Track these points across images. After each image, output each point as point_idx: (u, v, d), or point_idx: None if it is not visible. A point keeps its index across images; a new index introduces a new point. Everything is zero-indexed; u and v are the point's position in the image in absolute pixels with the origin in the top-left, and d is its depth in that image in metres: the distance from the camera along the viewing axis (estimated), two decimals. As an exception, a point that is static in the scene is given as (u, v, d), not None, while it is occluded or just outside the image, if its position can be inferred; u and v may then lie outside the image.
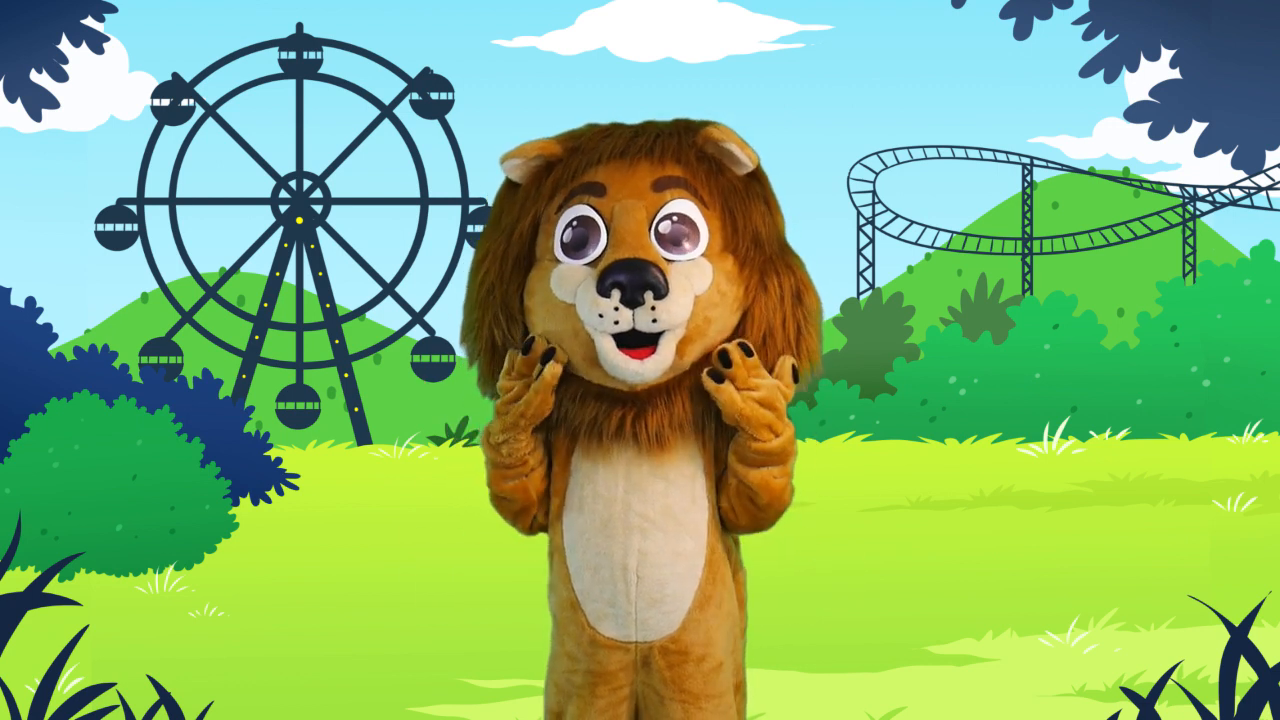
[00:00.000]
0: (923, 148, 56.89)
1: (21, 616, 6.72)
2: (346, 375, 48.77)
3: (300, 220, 48.76)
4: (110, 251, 48.01)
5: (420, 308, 48.40)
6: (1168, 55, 7.65)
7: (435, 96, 48.34)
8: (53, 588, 10.94)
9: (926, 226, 56.79)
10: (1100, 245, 56.58)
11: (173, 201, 48.31)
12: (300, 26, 48.66)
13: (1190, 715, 6.62)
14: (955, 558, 17.82)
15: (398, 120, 48.63)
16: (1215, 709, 6.53)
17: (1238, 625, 6.50)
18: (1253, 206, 55.47)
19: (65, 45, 8.39)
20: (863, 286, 54.08)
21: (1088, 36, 7.69)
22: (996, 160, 56.66)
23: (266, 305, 48.81)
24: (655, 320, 4.49)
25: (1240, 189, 55.12)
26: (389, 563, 17.79)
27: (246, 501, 19.03)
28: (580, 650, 4.65)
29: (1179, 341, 37.86)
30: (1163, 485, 24.90)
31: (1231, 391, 37.07)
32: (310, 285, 49.09)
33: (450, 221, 49.64)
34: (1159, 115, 7.71)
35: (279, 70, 48.65)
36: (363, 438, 47.46)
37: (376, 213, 52.63)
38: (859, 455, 32.28)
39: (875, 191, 56.32)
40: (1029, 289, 53.88)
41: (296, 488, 19.66)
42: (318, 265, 48.88)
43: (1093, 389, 37.63)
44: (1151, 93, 7.73)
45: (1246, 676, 6.53)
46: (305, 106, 48.79)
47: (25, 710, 6.70)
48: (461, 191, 48.31)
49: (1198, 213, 55.69)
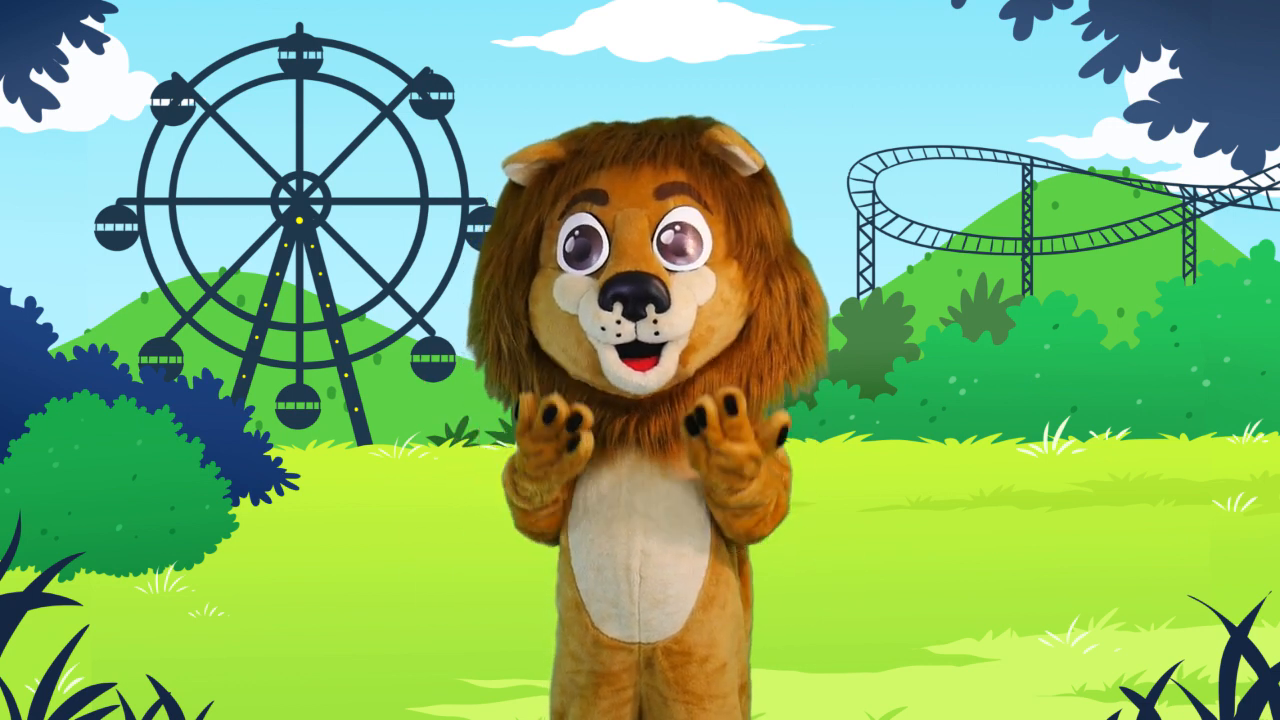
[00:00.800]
0: (923, 148, 56.92)
1: (21, 616, 6.72)
2: (346, 375, 48.78)
3: (300, 220, 48.76)
4: (110, 251, 48.06)
5: (420, 308, 48.42)
6: (1168, 55, 7.65)
7: (435, 96, 48.35)
8: (53, 588, 10.94)
9: (926, 226, 56.81)
10: (1100, 245, 56.60)
11: (173, 201, 48.32)
12: (300, 26, 48.67)
13: (1190, 715, 6.62)
14: (955, 558, 17.82)
15: (398, 120, 48.64)
16: (1215, 709, 6.53)
17: (1238, 625, 6.50)
18: (1253, 206, 55.48)
19: (65, 45, 8.39)
20: (863, 286, 54.12)
21: (1088, 36, 7.69)
22: (996, 160, 56.68)
23: (266, 305, 48.82)
24: (658, 332, 4.46)
25: (1240, 189, 55.14)
26: (389, 563, 17.79)
27: (246, 501, 19.04)
28: (584, 650, 4.65)
29: (1179, 341, 37.86)
30: (1163, 485, 24.90)
31: (1231, 391, 37.07)
32: (310, 285, 49.10)
33: (450, 221, 49.73)
34: (1159, 115, 7.71)
35: (279, 70, 48.68)
36: (363, 438, 47.46)
37: (376, 213, 52.67)
38: (859, 455, 32.28)
39: (875, 191, 56.34)
40: (1029, 289, 53.89)
41: (296, 488, 19.67)
42: (318, 265, 48.89)
43: (1093, 389, 37.63)
44: (1151, 93, 7.73)
45: (1246, 676, 6.53)
46: (305, 106, 48.84)
47: (25, 710, 6.70)
48: (461, 191, 48.33)
49: (1198, 213, 55.70)
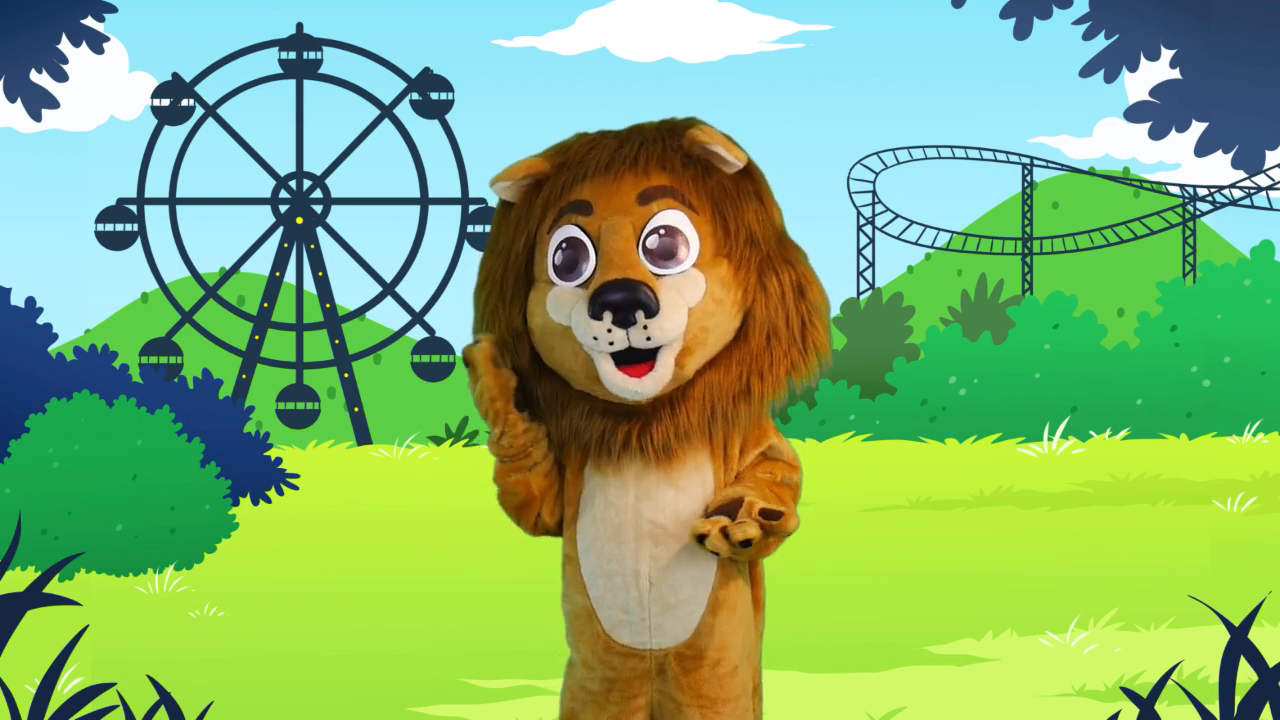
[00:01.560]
0: (923, 148, 56.90)
1: (21, 616, 6.71)
2: (346, 375, 48.77)
3: (300, 220, 48.75)
4: (110, 251, 48.03)
5: (420, 308, 48.41)
6: (1168, 55, 7.65)
7: (435, 96, 48.34)
8: (53, 588, 10.95)
9: (926, 226, 56.80)
10: (1100, 245, 56.59)
11: (173, 201, 48.31)
12: (300, 26, 48.66)
13: (1190, 715, 6.62)
14: (955, 558, 17.81)
15: (398, 120, 48.63)
16: (1215, 709, 6.53)
17: (1238, 625, 6.50)
18: (1253, 206, 55.47)
19: (65, 45, 8.39)
20: (863, 286, 54.10)
21: (1088, 36, 7.70)
22: (996, 160, 56.66)
23: (266, 305, 48.80)
24: (649, 338, 4.47)
25: (1240, 189, 55.12)
26: (389, 563, 17.78)
27: (246, 501, 19.03)
28: (596, 658, 4.65)
29: (1179, 341, 37.85)
30: (1163, 485, 24.89)
31: (1231, 391, 37.06)
32: (310, 285, 49.09)
33: (450, 221, 49.69)
34: (1159, 115, 7.71)
35: (279, 70, 48.66)
36: (363, 438, 47.45)
37: (376, 213, 52.64)
38: (859, 455, 32.26)
39: (875, 191, 56.33)
40: (1029, 289, 53.88)
41: (296, 488, 19.66)
42: (318, 265, 48.88)
43: (1093, 389, 37.62)
44: (1151, 93, 7.73)
45: (1246, 676, 6.53)
46: (305, 106, 48.82)
47: (25, 710, 6.70)
48: (461, 191, 48.32)
49: (1198, 213, 55.69)
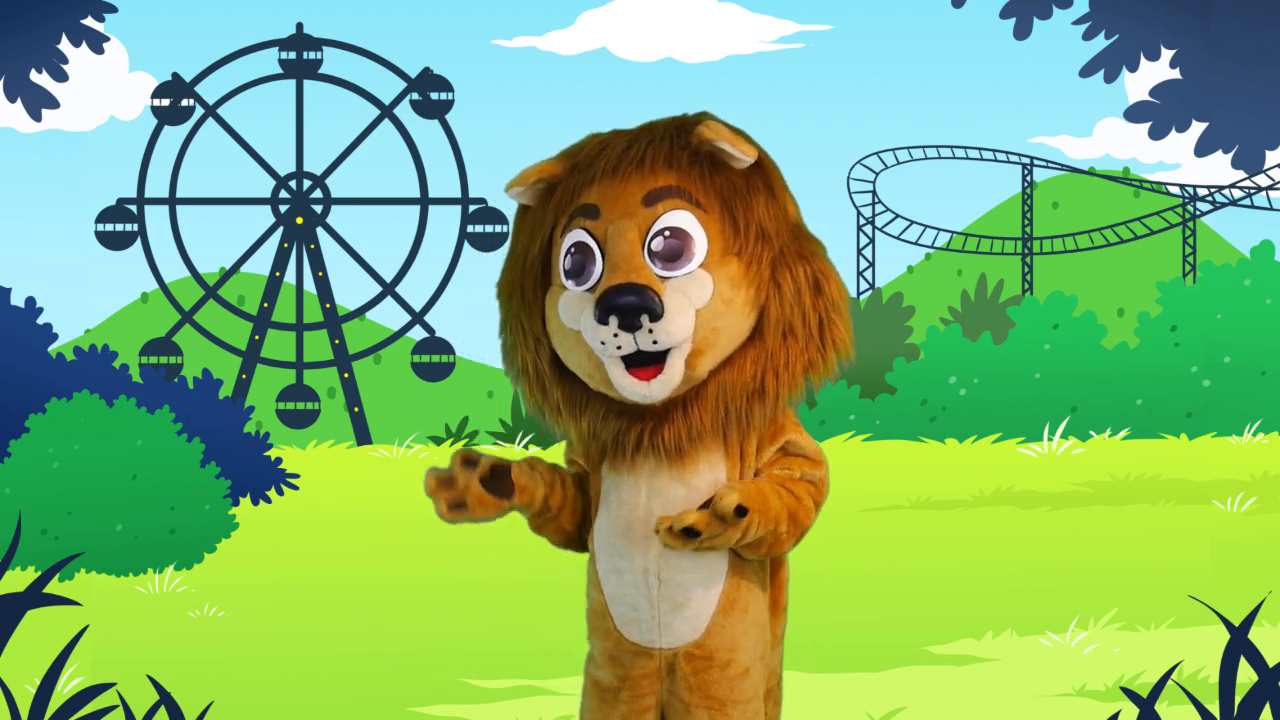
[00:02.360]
0: (923, 148, 56.93)
1: (21, 616, 6.72)
2: (346, 375, 48.78)
3: (300, 220, 48.77)
4: (110, 251, 48.07)
5: (420, 308, 48.42)
6: (1168, 55, 7.65)
7: (435, 96, 48.36)
8: (53, 588, 10.95)
9: (926, 226, 56.82)
10: (1100, 245, 56.61)
11: (173, 201, 48.32)
12: (300, 26, 48.67)
13: (1190, 715, 6.62)
14: (955, 558, 17.82)
15: (398, 120, 48.64)
16: (1215, 709, 6.53)
17: (1238, 625, 6.50)
18: (1253, 206, 55.50)
19: (65, 45, 8.39)
20: (863, 286, 54.12)
21: (1088, 36, 7.69)
22: (996, 160, 56.69)
23: (266, 305, 48.82)
24: (655, 341, 4.46)
25: (1240, 189, 55.15)
26: (389, 563, 17.79)
27: (246, 501, 19.04)
28: (607, 655, 4.66)
29: (1179, 341, 37.86)
30: (1163, 485, 24.89)
31: (1231, 391, 37.06)
32: (310, 285, 49.10)
33: (450, 221, 49.72)
34: (1159, 115, 7.71)
35: (279, 70, 48.68)
36: (363, 438, 47.47)
37: (376, 213, 52.68)
38: (859, 455, 32.25)
39: (875, 191, 56.35)
40: (1029, 289, 53.90)
41: (296, 488, 19.66)
42: (318, 265, 48.89)
43: (1093, 389, 37.63)
44: (1151, 93, 7.73)
45: (1246, 676, 6.53)
46: (305, 106, 48.84)
47: (25, 710, 6.70)
48: (461, 191, 48.33)
49: (1198, 213, 55.71)
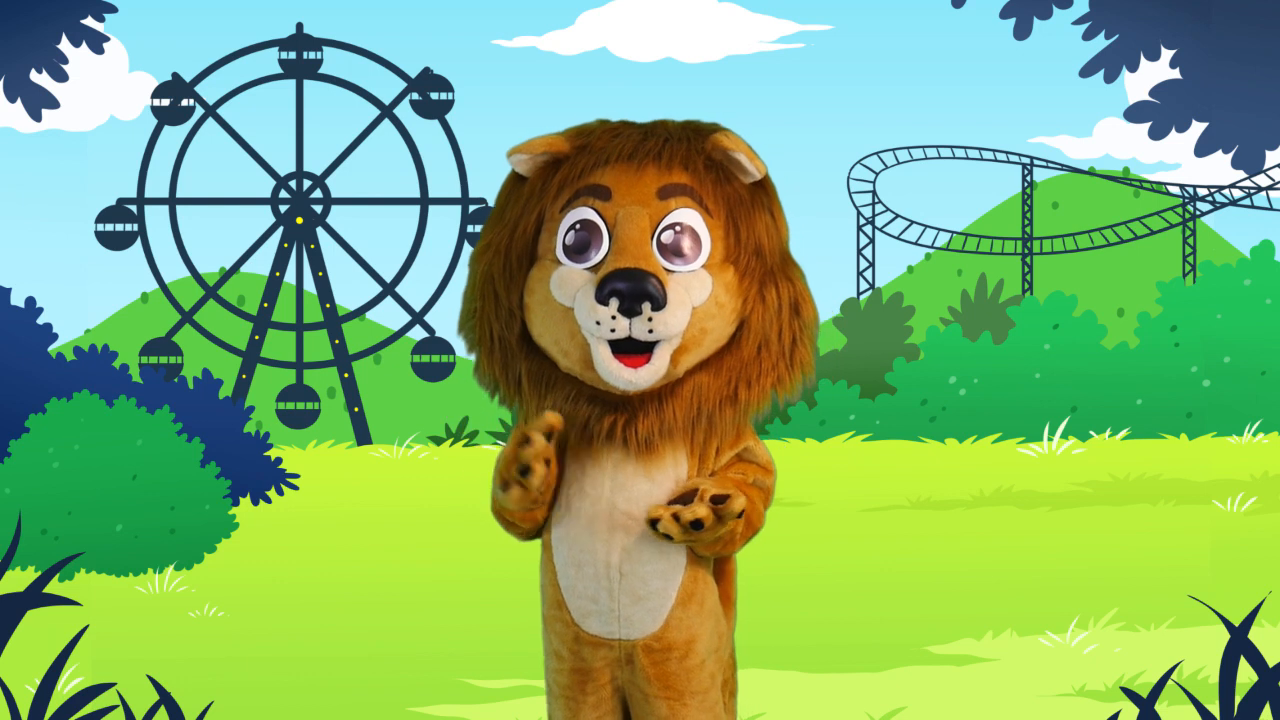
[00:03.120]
0: (923, 148, 56.90)
1: (21, 616, 6.72)
2: (346, 375, 48.77)
3: (300, 220, 48.75)
4: (110, 251, 48.03)
5: (420, 308, 48.40)
6: (1168, 55, 7.65)
7: (435, 96, 48.34)
8: (53, 588, 10.96)
9: (926, 226, 56.79)
10: (1100, 245, 56.59)
11: (173, 201, 48.31)
12: (300, 26, 48.65)
13: (1190, 715, 6.62)
14: (955, 558, 17.81)
15: (398, 120, 48.63)
16: (1215, 709, 6.53)
17: (1238, 625, 6.50)
18: (1253, 206, 55.47)
19: (65, 45, 8.40)
20: (863, 286, 54.09)
21: (1088, 36, 7.70)
22: (996, 160, 56.66)
23: (266, 305, 48.81)
24: (652, 330, 4.49)
25: (1240, 189, 55.12)
26: (389, 563, 17.79)
27: (246, 501, 19.03)
28: (565, 649, 4.68)
29: (1179, 341, 37.86)
30: (1163, 485, 24.89)
31: (1231, 391, 37.06)
32: (310, 285, 49.09)
33: (450, 221, 49.69)
34: (1159, 115, 7.71)
35: (279, 70, 48.65)
36: (363, 438, 47.46)
37: (376, 213, 52.64)
38: (859, 455, 32.27)
39: (875, 191, 56.33)
40: (1029, 289, 53.88)
41: (296, 488, 19.66)
42: (318, 265, 48.88)
43: (1093, 389, 37.63)
44: (1151, 93, 7.73)
45: (1246, 676, 6.53)
46: (305, 106, 48.81)
47: (25, 710, 6.70)
48: (461, 191, 48.32)
49: (1198, 213, 55.69)
